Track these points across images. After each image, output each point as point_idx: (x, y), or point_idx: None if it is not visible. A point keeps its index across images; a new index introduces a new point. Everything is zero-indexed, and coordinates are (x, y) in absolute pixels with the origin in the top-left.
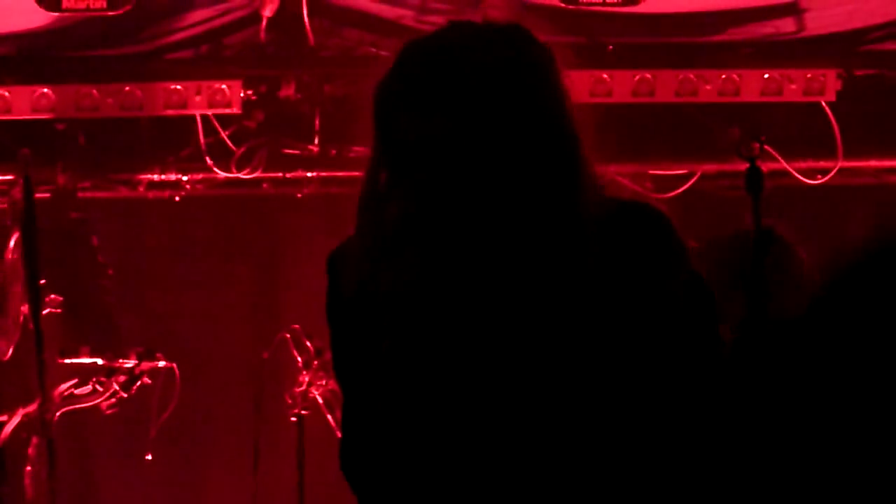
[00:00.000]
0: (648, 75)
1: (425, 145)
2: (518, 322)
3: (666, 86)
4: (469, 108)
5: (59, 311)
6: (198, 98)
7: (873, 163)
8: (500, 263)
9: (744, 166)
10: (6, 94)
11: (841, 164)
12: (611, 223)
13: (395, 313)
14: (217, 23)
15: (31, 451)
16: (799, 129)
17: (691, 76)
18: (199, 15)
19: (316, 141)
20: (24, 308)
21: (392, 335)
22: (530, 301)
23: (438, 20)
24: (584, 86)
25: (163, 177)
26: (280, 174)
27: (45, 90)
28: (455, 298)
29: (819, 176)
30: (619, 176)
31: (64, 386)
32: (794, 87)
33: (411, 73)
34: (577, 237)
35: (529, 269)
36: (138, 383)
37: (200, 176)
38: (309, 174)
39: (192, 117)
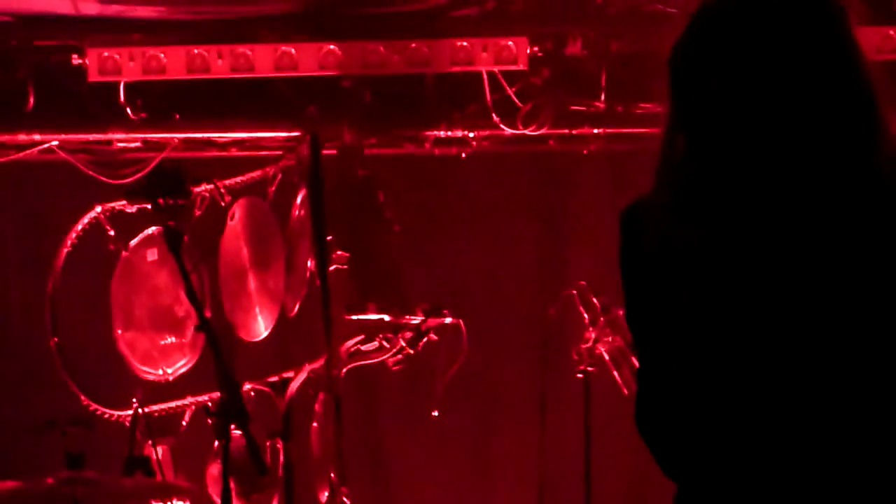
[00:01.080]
0: None
1: (724, 107)
2: (814, 281)
3: None
4: (769, 70)
5: (345, 267)
6: (484, 54)
7: None
8: (800, 223)
9: None
10: (292, 50)
11: None
12: None
13: (696, 269)
14: None
15: (317, 407)
16: None
17: None
18: None
19: (602, 98)
20: (311, 264)
21: (693, 290)
22: (827, 260)
23: None
24: (870, 43)
25: (449, 133)
26: (566, 131)
27: (332, 47)
28: (754, 256)
29: None
30: None
31: (350, 342)
32: None
33: (709, 36)
34: (875, 196)
35: (827, 227)
36: (425, 339)
37: (487, 132)
38: (595, 131)
39: (479, 74)
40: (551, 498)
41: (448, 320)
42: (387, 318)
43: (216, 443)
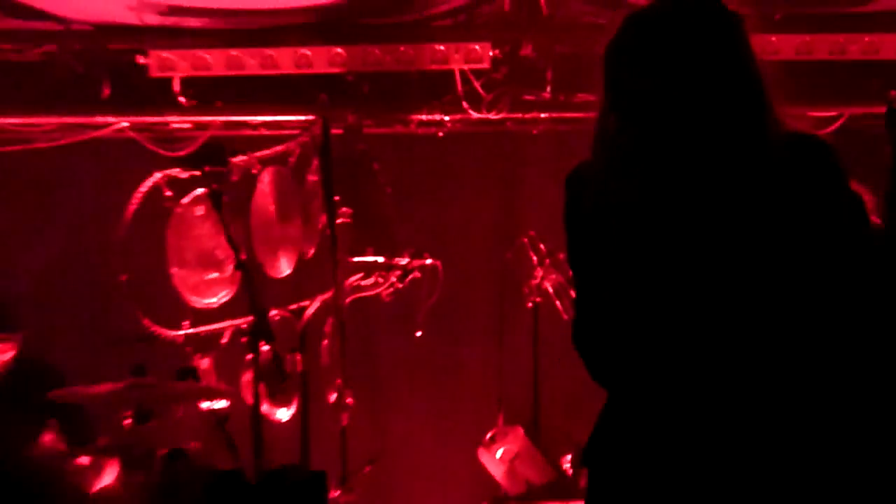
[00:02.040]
0: (808, 38)
1: (647, 93)
2: (717, 224)
3: (821, 47)
4: (680, 63)
5: (349, 220)
6: (456, 55)
7: None
8: (705, 182)
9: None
10: (308, 52)
11: None
12: (793, 148)
13: (624, 220)
14: None
15: (327, 328)
16: None
17: (840, 39)
18: None
19: (548, 89)
20: (323, 218)
21: (624, 234)
22: (729, 211)
23: None
24: (756, 47)
25: (429, 117)
26: (520, 115)
27: (339, 50)
28: (670, 209)
29: None
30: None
31: (353, 278)
32: None
33: (635, 38)
34: (766, 159)
35: (729, 187)
36: (410, 277)
37: (458, 116)
38: (542, 115)
39: (452, 71)
40: (508, 401)
41: (428, 262)
42: (381, 259)
43: (249, 356)
